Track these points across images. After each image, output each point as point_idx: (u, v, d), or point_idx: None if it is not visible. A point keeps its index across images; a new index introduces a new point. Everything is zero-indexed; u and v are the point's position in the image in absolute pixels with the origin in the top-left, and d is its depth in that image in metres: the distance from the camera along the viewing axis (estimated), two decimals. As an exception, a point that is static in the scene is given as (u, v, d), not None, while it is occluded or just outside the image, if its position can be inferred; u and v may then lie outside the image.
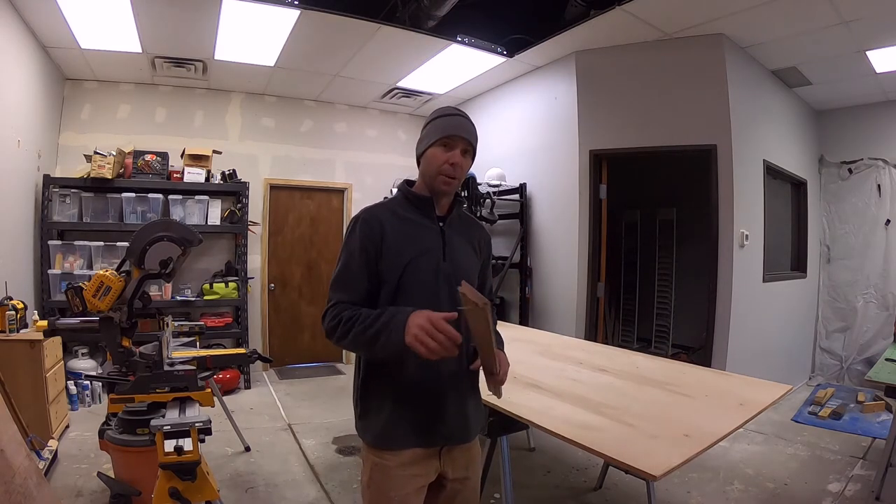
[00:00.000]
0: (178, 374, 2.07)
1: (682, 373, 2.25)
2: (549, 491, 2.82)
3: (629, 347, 5.02)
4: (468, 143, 1.33)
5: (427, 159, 1.34)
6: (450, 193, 1.37)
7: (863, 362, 4.90)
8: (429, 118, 1.39)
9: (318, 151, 5.63)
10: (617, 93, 4.10)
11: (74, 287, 2.04)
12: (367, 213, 1.34)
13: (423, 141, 1.37)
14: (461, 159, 1.32)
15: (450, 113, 1.37)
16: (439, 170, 1.31)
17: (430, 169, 1.33)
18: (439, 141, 1.31)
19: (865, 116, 5.02)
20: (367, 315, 1.21)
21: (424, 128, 1.38)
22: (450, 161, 1.30)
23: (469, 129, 1.34)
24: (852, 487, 2.80)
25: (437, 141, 1.32)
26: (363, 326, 1.19)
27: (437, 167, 1.31)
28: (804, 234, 5.09)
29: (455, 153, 1.31)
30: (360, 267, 1.29)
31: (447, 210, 1.39)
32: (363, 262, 1.29)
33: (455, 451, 1.36)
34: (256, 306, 5.24)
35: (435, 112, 1.39)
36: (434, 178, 1.32)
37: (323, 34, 3.84)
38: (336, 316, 1.25)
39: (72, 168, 4.44)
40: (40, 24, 3.59)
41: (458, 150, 1.31)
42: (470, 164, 1.37)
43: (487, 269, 1.52)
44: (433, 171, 1.32)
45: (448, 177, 1.31)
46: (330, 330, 1.27)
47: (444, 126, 1.33)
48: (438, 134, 1.32)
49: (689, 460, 1.36)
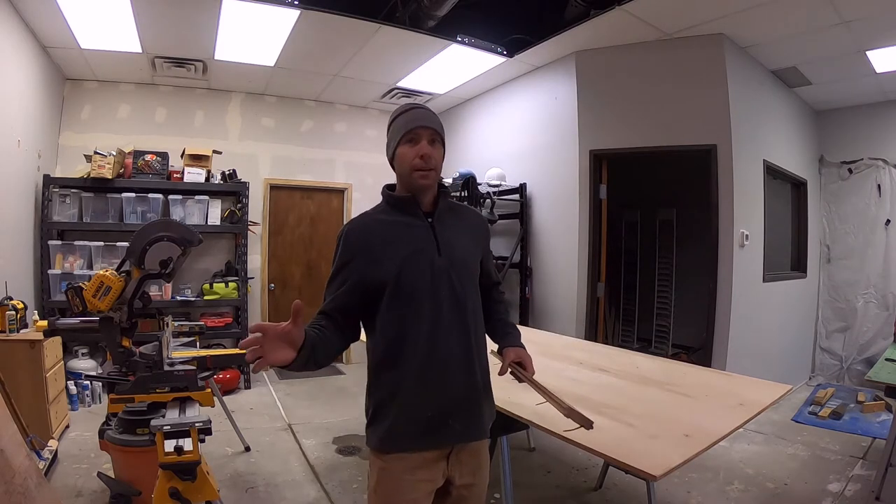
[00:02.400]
0: (178, 374, 2.08)
1: (682, 373, 2.25)
2: (549, 491, 2.82)
3: (629, 347, 5.02)
4: (433, 132, 1.32)
5: (398, 160, 1.33)
6: (431, 187, 1.35)
7: (863, 362, 4.89)
8: (389, 120, 1.39)
9: (318, 151, 5.63)
10: (617, 93, 4.10)
11: (74, 287, 2.04)
12: (349, 226, 1.35)
13: (389, 144, 1.36)
14: (430, 149, 1.30)
15: (406, 108, 1.37)
16: (412, 165, 1.30)
17: (404, 168, 1.32)
18: (403, 138, 1.31)
19: (865, 116, 5.02)
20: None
21: (388, 131, 1.38)
22: (419, 154, 1.29)
23: (429, 118, 1.33)
24: (852, 487, 2.80)
25: (402, 138, 1.31)
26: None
27: (409, 164, 1.30)
28: (804, 234, 5.09)
29: (422, 145, 1.30)
30: (341, 282, 1.29)
31: (433, 205, 1.38)
32: (346, 276, 1.29)
33: (463, 455, 1.34)
34: (256, 306, 5.24)
35: (393, 113, 1.39)
36: (409, 175, 1.31)
37: (323, 34, 3.84)
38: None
39: (72, 168, 4.44)
40: (40, 24, 3.59)
41: (424, 142, 1.30)
42: (441, 151, 1.35)
43: (488, 253, 1.53)
44: (407, 170, 1.31)
45: (422, 170, 1.30)
46: None
47: (405, 122, 1.32)
48: (401, 131, 1.32)
49: (689, 460, 1.36)
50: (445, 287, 1.29)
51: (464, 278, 1.34)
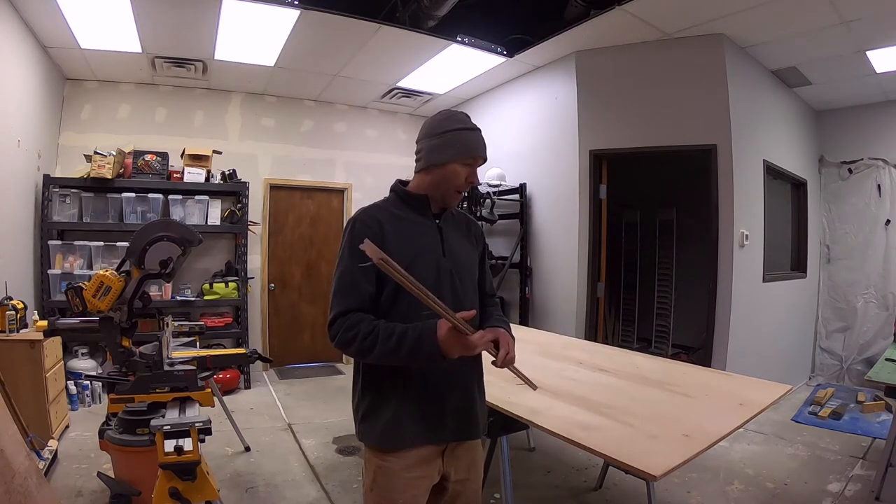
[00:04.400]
0: (178, 374, 2.07)
1: (682, 373, 2.25)
2: (549, 491, 2.82)
3: (629, 347, 5.03)
4: (483, 161, 1.38)
5: (447, 174, 1.32)
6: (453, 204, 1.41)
7: (863, 362, 4.90)
8: (445, 125, 1.34)
9: (318, 151, 5.63)
10: (617, 93, 4.10)
11: (74, 287, 2.04)
12: (365, 213, 1.33)
13: (440, 150, 1.32)
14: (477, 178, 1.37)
15: (471, 127, 1.36)
16: (457, 187, 1.34)
17: (450, 184, 1.33)
18: (464, 159, 1.32)
19: (865, 116, 5.02)
20: (389, 331, 1.18)
21: (438, 134, 1.33)
22: (470, 181, 1.34)
23: (485, 147, 1.38)
24: (852, 487, 2.80)
25: (462, 159, 1.32)
26: (390, 346, 1.17)
27: (457, 184, 1.33)
28: (804, 234, 5.09)
29: (475, 171, 1.35)
30: (362, 270, 1.25)
31: (441, 208, 1.40)
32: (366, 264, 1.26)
33: (459, 451, 1.36)
34: (256, 306, 5.23)
35: (452, 120, 1.34)
36: (451, 193, 1.35)
37: (323, 34, 3.84)
38: (351, 328, 1.20)
39: (72, 168, 4.44)
40: (40, 24, 3.59)
41: (476, 168, 1.35)
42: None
43: (485, 261, 1.52)
44: (452, 188, 1.34)
45: (462, 192, 1.37)
46: (345, 342, 1.22)
47: (469, 145, 1.33)
48: (464, 152, 1.32)
49: (689, 460, 1.36)
50: (448, 288, 1.30)
51: (465, 281, 1.36)
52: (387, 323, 1.20)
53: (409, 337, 1.16)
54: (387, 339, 1.17)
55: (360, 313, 1.22)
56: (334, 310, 1.25)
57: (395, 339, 1.16)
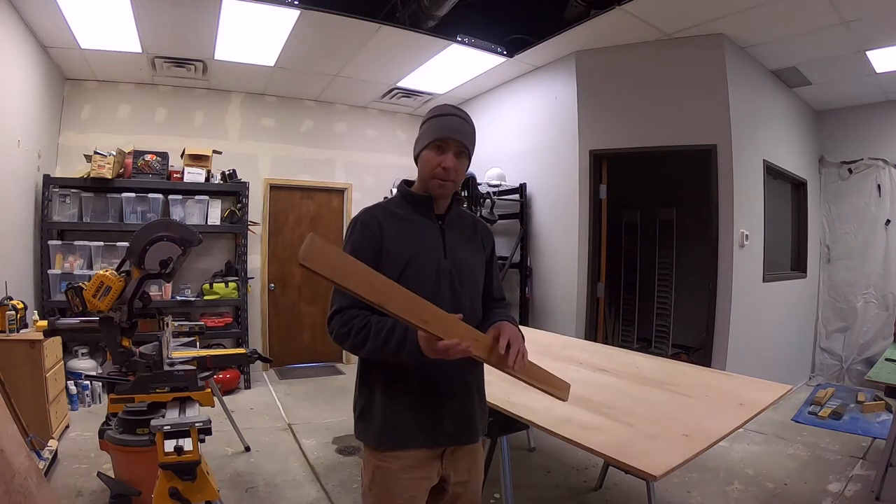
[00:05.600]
0: (178, 374, 2.07)
1: (682, 373, 2.25)
2: (549, 491, 2.82)
3: (629, 347, 5.03)
4: (462, 145, 1.30)
5: (421, 162, 1.33)
6: (446, 196, 1.35)
7: (863, 362, 4.90)
8: (425, 116, 1.37)
9: (318, 151, 5.62)
10: (617, 93, 4.10)
11: (74, 287, 2.04)
12: (367, 213, 1.33)
13: (418, 142, 1.35)
14: (454, 163, 1.29)
15: (445, 113, 1.34)
16: (432, 173, 1.30)
17: (424, 172, 1.32)
18: (432, 143, 1.29)
19: (865, 116, 5.02)
20: (379, 327, 1.18)
21: (421, 126, 1.36)
22: (442, 165, 1.28)
23: (463, 131, 1.31)
24: (852, 487, 2.80)
25: (430, 143, 1.30)
26: (379, 342, 1.17)
27: (430, 171, 1.30)
28: (804, 234, 5.09)
29: (447, 156, 1.28)
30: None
31: (446, 209, 1.38)
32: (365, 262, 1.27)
33: (458, 454, 1.35)
34: (256, 306, 5.23)
35: (431, 111, 1.36)
36: (428, 181, 1.31)
37: (323, 34, 3.84)
38: (346, 324, 1.22)
39: (72, 168, 4.44)
40: (40, 24, 3.59)
41: (450, 154, 1.29)
42: (466, 165, 1.35)
43: (493, 265, 1.49)
44: (427, 175, 1.31)
45: (441, 180, 1.29)
46: (340, 337, 1.23)
47: (438, 127, 1.30)
48: (431, 136, 1.30)
49: (689, 460, 1.36)
50: (447, 288, 1.30)
51: (466, 282, 1.35)
52: (379, 318, 1.20)
53: (396, 333, 1.17)
54: (377, 335, 1.18)
55: (356, 310, 1.23)
56: (333, 306, 1.27)
57: (384, 335, 1.17)
